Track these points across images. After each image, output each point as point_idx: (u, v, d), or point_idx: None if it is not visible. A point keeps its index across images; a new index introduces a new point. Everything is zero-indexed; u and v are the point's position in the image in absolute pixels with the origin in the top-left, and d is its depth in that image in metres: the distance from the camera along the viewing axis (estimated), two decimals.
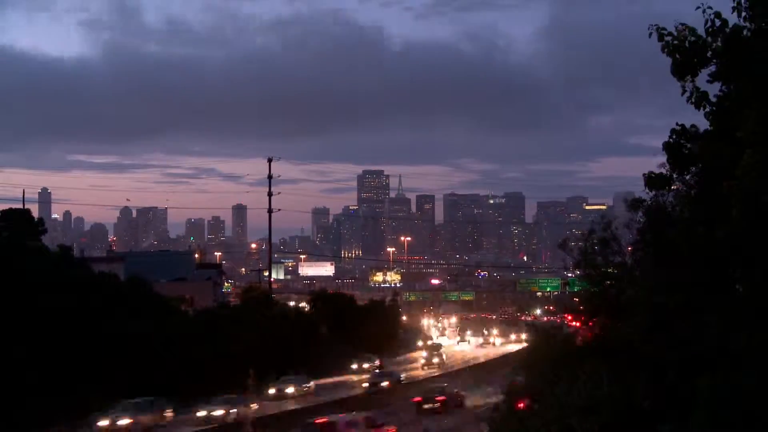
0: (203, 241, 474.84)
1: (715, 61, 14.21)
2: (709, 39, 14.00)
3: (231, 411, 60.07)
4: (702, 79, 14.51)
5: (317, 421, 45.96)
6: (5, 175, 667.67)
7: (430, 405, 62.99)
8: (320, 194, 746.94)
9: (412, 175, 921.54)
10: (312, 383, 77.94)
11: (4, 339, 56.14)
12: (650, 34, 14.25)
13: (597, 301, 25.00)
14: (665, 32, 14.21)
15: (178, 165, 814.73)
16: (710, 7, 13.92)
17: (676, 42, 14.13)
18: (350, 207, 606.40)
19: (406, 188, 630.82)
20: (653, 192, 17.81)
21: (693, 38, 14.04)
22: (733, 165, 13.21)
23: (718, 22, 13.89)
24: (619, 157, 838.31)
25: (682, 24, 14.19)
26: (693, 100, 14.41)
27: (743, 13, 13.62)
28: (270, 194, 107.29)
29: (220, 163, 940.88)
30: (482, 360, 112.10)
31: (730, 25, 13.85)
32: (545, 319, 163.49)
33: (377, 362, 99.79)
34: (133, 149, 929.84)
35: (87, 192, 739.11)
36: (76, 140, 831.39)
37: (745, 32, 13.91)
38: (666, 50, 14.22)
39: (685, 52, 14.05)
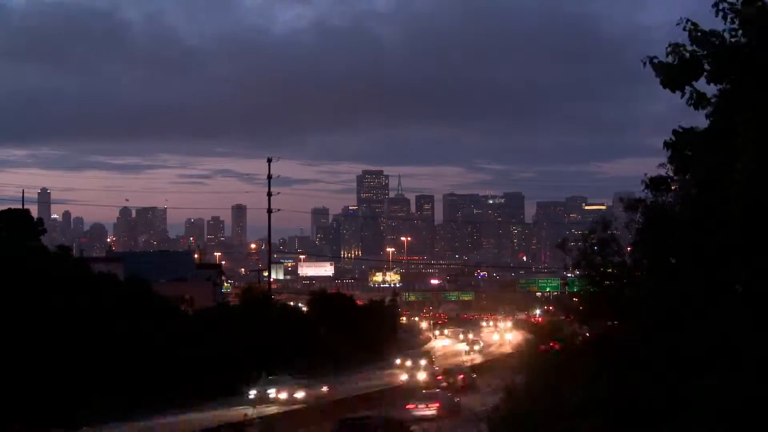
0: (203, 241, 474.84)
1: (707, 69, 14.33)
2: (696, 48, 14.14)
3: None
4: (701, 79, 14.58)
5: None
6: (20, 176, 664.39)
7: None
8: (320, 194, 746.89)
9: (421, 176, 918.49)
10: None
11: (1, 339, 56.13)
12: (644, 64, 14.43)
13: (597, 301, 24.98)
14: (656, 60, 14.44)
15: (193, 166, 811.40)
16: (689, 20, 14.08)
17: (667, 64, 14.35)
18: (350, 207, 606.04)
19: (406, 188, 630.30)
20: (653, 192, 17.84)
21: (686, 54, 14.19)
22: (733, 165, 13.23)
23: (698, 33, 14.04)
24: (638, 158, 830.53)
25: (670, 45, 14.35)
26: (692, 102, 14.50)
27: (728, 17, 13.73)
28: (269, 194, 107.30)
29: (233, 162, 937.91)
30: None
31: (709, 30, 14.02)
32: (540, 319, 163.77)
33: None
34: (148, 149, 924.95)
35: (97, 193, 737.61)
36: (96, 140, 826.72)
37: (729, 39, 14.00)
38: (659, 75, 14.45)
39: (675, 70, 14.27)
